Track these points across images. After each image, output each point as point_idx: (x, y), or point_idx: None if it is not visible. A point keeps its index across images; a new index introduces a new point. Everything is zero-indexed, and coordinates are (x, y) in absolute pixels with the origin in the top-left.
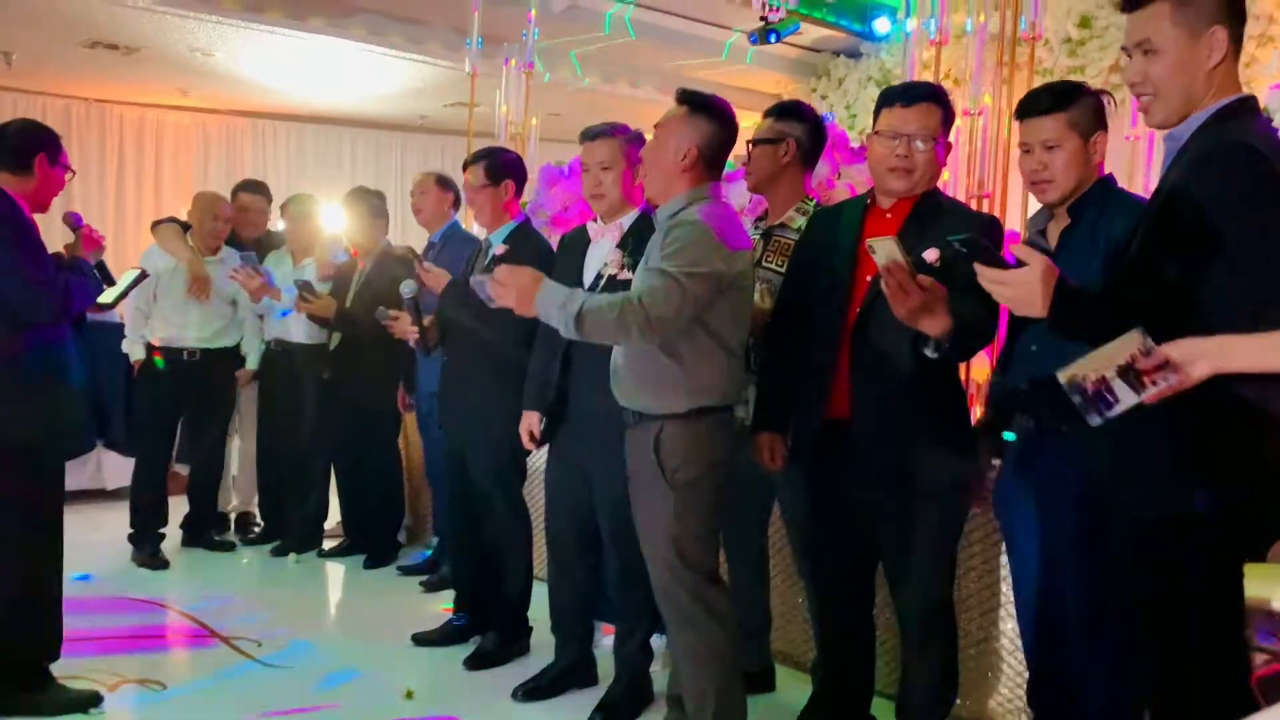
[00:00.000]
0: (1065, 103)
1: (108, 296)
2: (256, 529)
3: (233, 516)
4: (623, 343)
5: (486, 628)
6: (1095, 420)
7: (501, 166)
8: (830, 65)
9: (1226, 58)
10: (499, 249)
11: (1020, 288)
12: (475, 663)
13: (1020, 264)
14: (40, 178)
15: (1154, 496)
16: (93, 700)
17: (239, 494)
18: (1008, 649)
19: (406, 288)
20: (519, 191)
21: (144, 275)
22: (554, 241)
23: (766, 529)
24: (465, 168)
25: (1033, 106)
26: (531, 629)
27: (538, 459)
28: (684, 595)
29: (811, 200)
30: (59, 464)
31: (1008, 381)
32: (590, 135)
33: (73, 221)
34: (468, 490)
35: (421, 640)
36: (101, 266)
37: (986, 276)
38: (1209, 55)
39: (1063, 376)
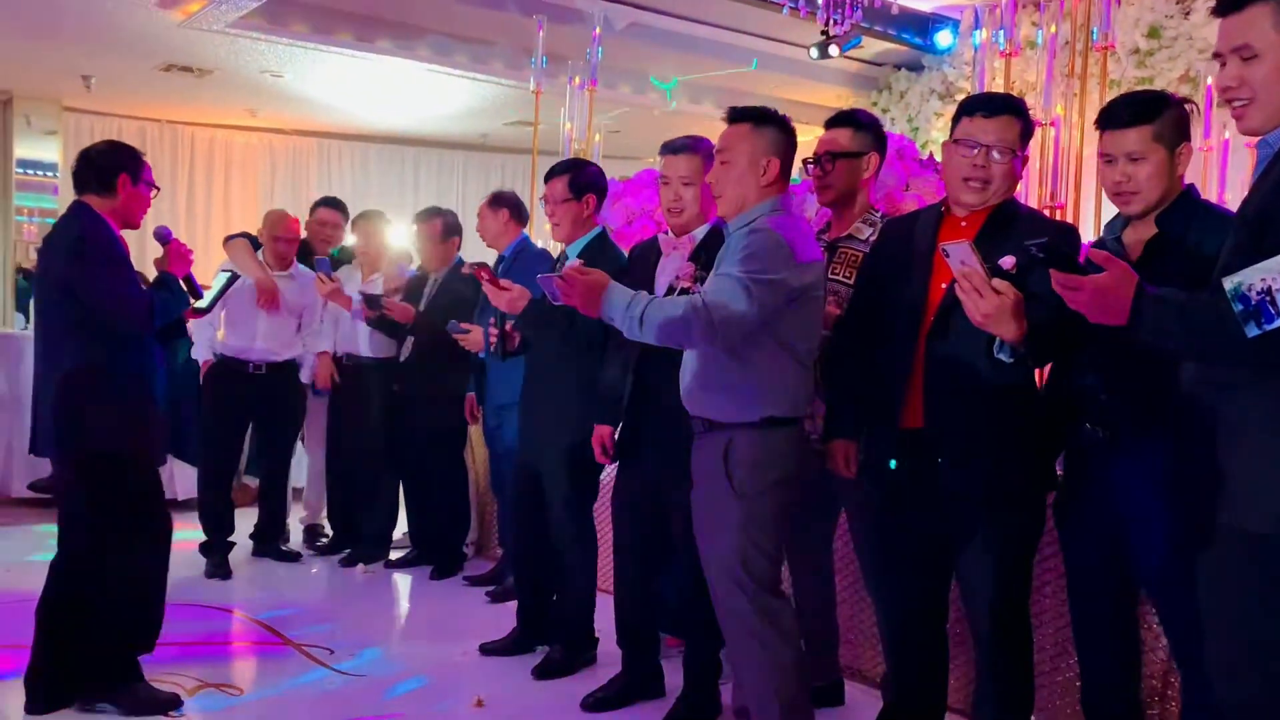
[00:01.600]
0: (1151, 115)
1: (203, 302)
2: (324, 539)
3: (301, 528)
4: (685, 345)
5: (548, 639)
6: (1253, 331)
7: (585, 181)
8: (891, 79)
9: None
10: (575, 263)
11: (1099, 294)
12: (543, 672)
13: (1096, 270)
14: (124, 196)
15: (1266, 508)
16: (173, 703)
17: (307, 506)
18: None
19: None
20: (599, 206)
21: (235, 278)
22: None
23: (832, 542)
24: (548, 179)
25: (1116, 118)
26: (598, 640)
27: (609, 474)
28: (747, 607)
29: (877, 211)
30: (150, 467)
31: (1079, 391)
32: (673, 149)
33: (163, 236)
34: (536, 504)
35: (489, 650)
36: (189, 280)
37: (1063, 282)
38: None
39: (1228, 283)
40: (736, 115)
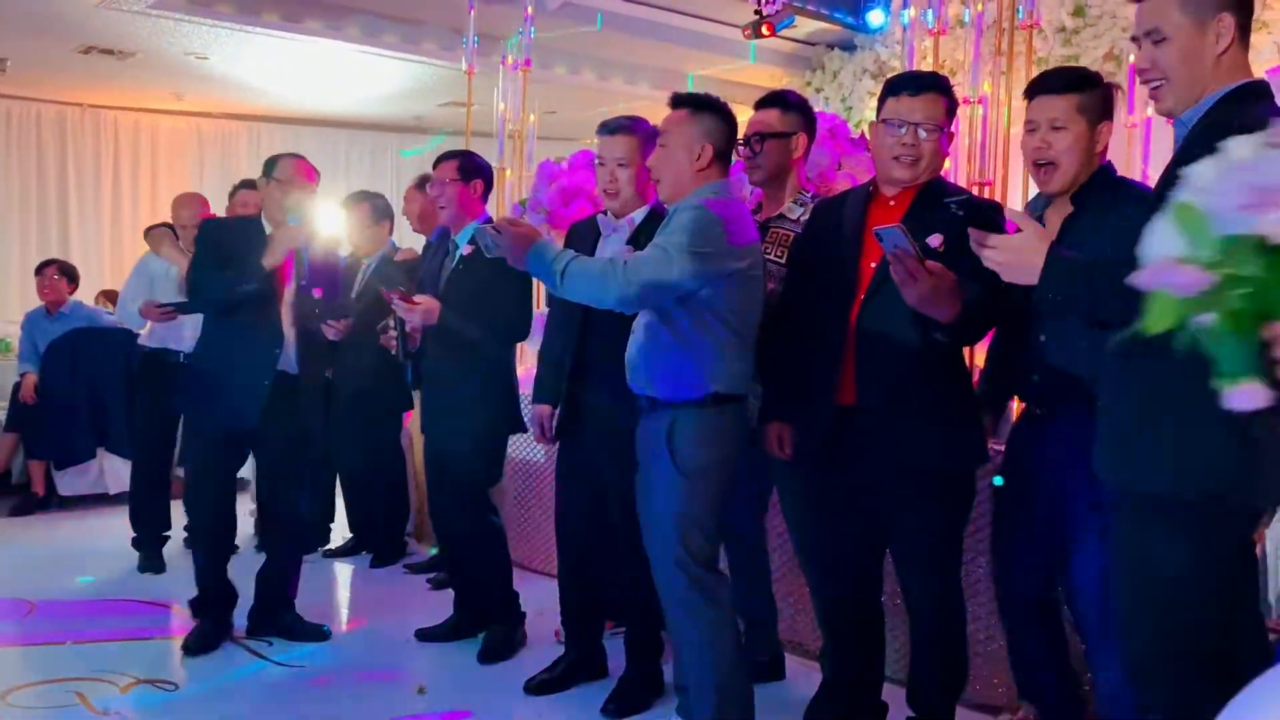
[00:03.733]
0: (1077, 87)
1: None
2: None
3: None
4: (602, 303)
5: (484, 622)
6: None
7: (474, 166)
8: (825, 58)
9: (1234, 44)
10: (466, 249)
11: (1014, 253)
12: (487, 656)
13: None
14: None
15: (1167, 475)
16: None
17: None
18: None
19: (390, 287)
20: (485, 196)
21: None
22: (554, 239)
23: (765, 518)
24: (436, 165)
25: (1044, 86)
26: (525, 614)
27: (521, 447)
28: (684, 581)
29: (807, 192)
30: (212, 436)
31: (1011, 370)
32: (609, 129)
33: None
34: (445, 490)
35: (426, 636)
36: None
37: (979, 240)
38: (1216, 41)
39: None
40: (676, 101)
